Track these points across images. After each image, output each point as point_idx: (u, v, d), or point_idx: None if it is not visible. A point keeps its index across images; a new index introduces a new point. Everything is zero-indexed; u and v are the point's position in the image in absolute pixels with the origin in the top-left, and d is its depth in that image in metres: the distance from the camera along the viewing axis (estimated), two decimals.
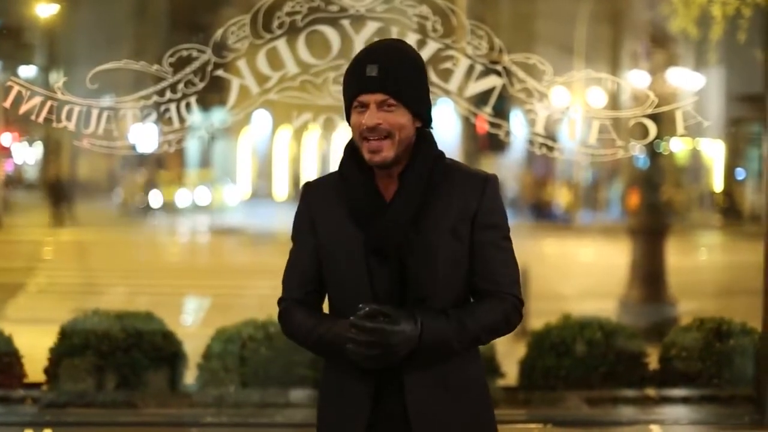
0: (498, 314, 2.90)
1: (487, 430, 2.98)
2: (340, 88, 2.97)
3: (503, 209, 2.95)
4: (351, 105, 2.89)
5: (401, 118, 2.85)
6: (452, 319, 2.83)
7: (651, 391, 6.92)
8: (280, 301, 3.04)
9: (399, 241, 2.84)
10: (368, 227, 2.86)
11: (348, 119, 2.93)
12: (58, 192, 22.10)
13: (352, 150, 2.93)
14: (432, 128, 2.96)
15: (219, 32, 6.20)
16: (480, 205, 2.90)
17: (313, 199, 2.98)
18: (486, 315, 2.88)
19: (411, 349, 2.78)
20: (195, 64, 6.19)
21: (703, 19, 8.10)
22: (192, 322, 11.41)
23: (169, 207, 27.27)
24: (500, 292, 2.91)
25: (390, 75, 2.84)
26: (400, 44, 2.98)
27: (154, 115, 6.29)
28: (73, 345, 6.71)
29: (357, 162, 2.91)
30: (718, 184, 27.79)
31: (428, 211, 2.87)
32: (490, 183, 2.93)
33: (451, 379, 2.89)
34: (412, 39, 6.16)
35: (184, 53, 6.19)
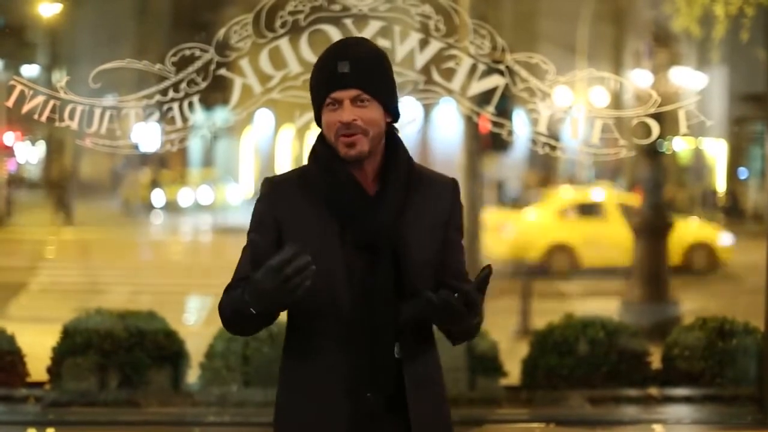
0: None
1: (447, 417, 3.06)
2: None
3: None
4: (323, 103, 2.91)
5: (374, 114, 2.88)
6: None
7: (654, 391, 6.92)
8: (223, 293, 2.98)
9: (392, 234, 2.88)
10: (357, 221, 2.88)
11: (318, 119, 2.95)
12: (60, 193, 22.14)
13: (326, 146, 2.93)
14: (396, 130, 3.00)
15: (222, 31, 6.20)
16: (453, 210, 3.01)
17: (277, 196, 2.95)
18: None
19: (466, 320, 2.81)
20: (198, 64, 6.19)
21: (705, 18, 8.09)
22: (194, 321, 11.42)
23: (171, 206, 27.29)
24: None
25: (362, 70, 2.87)
26: (364, 41, 3.02)
27: (156, 115, 6.29)
28: (76, 344, 6.71)
29: (332, 159, 2.91)
30: (720, 184, 27.77)
31: (406, 211, 2.93)
32: (457, 187, 3.05)
33: (426, 372, 2.96)
34: (414, 38, 6.17)
35: (187, 52, 6.19)
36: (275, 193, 2.95)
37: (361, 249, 2.87)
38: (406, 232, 2.90)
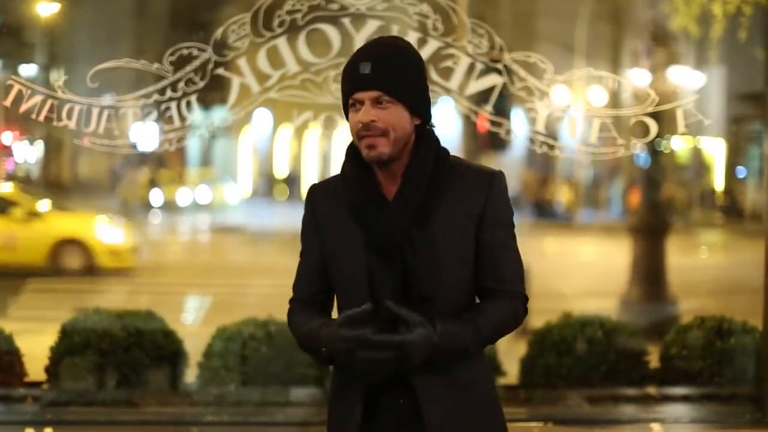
0: (507, 313, 2.90)
1: (495, 427, 2.96)
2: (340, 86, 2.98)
3: (510, 206, 2.94)
4: (348, 104, 2.90)
5: (396, 116, 2.85)
6: (467, 321, 2.83)
7: (652, 390, 6.92)
8: (289, 302, 3.08)
9: (400, 239, 2.84)
10: (369, 226, 2.87)
11: (347, 119, 2.95)
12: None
13: (353, 151, 2.94)
14: (433, 126, 2.96)
15: (219, 31, 6.20)
16: (487, 203, 2.88)
17: (317, 201, 3.00)
18: (496, 315, 2.88)
19: (427, 355, 2.76)
20: (195, 63, 6.19)
21: (703, 18, 8.11)
22: (192, 321, 11.41)
23: (170, 205, 27.31)
24: (506, 291, 2.90)
25: (383, 72, 2.84)
26: (396, 41, 2.98)
27: (154, 114, 6.29)
28: (74, 344, 6.71)
29: (358, 162, 2.91)
30: (718, 183, 27.80)
31: (434, 209, 2.87)
32: (497, 180, 2.91)
33: (458, 379, 2.88)
34: (412, 37, 6.16)
35: (185, 52, 6.19)
36: (315, 199, 3.00)
37: (382, 253, 2.86)
38: (425, 234, 2.84)
